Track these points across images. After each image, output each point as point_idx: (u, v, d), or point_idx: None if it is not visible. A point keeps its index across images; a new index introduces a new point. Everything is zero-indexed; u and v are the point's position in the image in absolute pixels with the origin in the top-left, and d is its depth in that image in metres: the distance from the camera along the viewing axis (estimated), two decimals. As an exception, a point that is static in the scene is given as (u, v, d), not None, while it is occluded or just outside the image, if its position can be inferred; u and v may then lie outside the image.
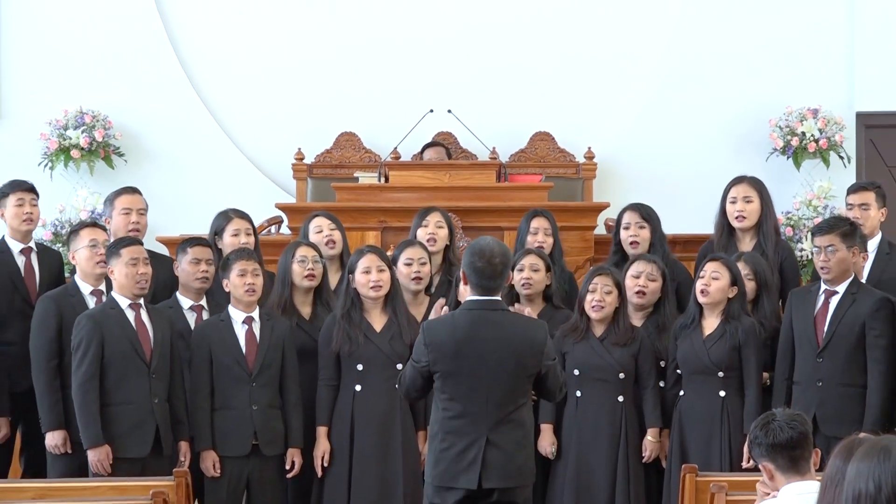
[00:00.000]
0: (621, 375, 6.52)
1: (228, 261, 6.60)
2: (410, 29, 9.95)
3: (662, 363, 6.66)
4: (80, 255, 6.73)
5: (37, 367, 6.59)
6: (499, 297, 5.60)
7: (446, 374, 5.52)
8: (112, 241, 6.75)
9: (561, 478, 6.57)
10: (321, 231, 7.13)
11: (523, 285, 6.72)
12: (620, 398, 6.53)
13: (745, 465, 6.03)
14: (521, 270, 6.73)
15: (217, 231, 7.16)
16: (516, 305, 6.11)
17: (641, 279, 6.68)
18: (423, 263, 6.71)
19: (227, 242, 7.06)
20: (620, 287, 6.60)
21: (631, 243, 7.09)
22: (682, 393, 6.53)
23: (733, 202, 7.16)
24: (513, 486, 5.57)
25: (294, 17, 9.95)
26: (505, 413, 5.53)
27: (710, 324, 6.53)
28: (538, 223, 7.23)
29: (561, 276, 7.05)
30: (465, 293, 5.65)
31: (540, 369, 5.55)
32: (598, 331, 6.57)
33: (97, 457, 6.31)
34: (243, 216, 7.22)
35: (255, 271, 6.55)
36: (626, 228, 7.14)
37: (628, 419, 6.54)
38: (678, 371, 6.55)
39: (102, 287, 6.72)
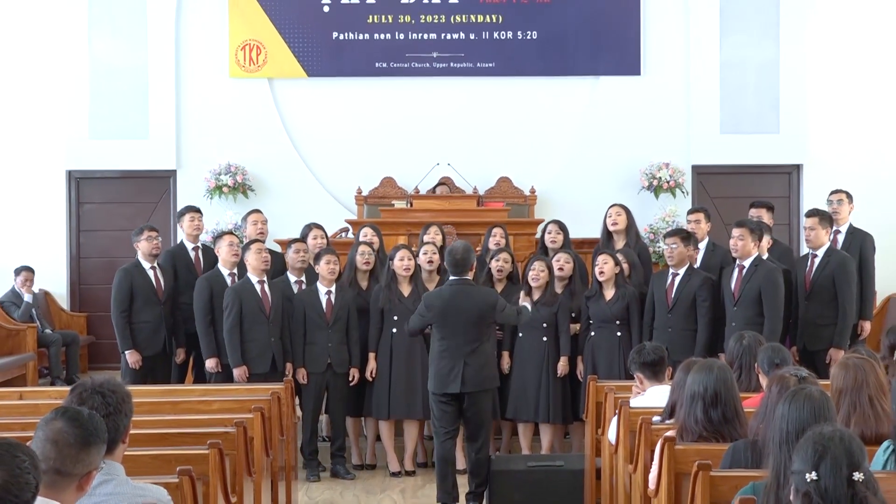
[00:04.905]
0: (545, 325, 6.49)
1: (320, 255, 6.59)
2: (426, 115, 9.89)
3: (574, 315, 6.61)
4: (223, 250, 6.71)
5: (198, 320, 6.58)
6: (468, 277, 5.70)
7: (438, 322, 5.63)
8: (244, 243, 6.75)
9: (509, 385, 6.54)
10: (366, 236, 7.06)
11: (499, 270, 6.68)
12: (545, 338, 6.50)
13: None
14: (497, 261, 6.69)
15: (303, 236, 7.14)
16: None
17: (561, 262, 6.65)
18: (435, 254, 6.67)
19: (310, 243, 7.04)
20: (550, 268, 6.58)
21: (551, 242, 7.05)
22: (592, 334, 6.51)
23: (610, 216, 7.14)
24: (480, 390, 5.64)
25: (353, 108, 9.92)
26: (473, 346, 5.59)
27: (609, 293, 6.51)
28: (496, 230, 7.22)
29: (513, 264, 6.98)
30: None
31: (495, 317, 5.66)
32: (536, 296, 6.54)
33: (238, 373, 6.35)
34: (319, 226, 7.22)
35: (335, 262, 6.55)
36: (549, 233, 7.10)
37: (549, 351, 6.51)
38: (590, 321, 6.52)
39: (235, 271, 6.69)
